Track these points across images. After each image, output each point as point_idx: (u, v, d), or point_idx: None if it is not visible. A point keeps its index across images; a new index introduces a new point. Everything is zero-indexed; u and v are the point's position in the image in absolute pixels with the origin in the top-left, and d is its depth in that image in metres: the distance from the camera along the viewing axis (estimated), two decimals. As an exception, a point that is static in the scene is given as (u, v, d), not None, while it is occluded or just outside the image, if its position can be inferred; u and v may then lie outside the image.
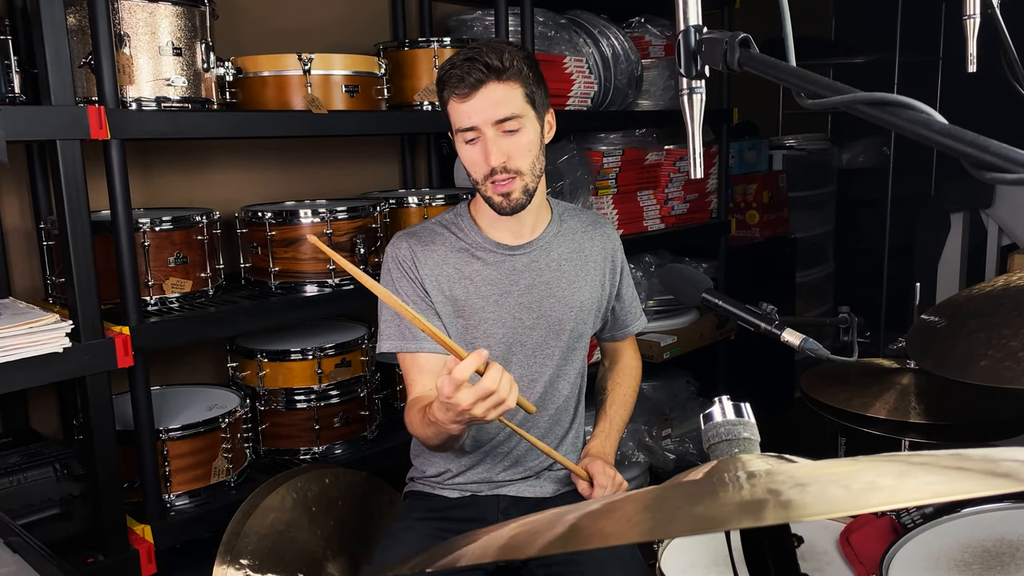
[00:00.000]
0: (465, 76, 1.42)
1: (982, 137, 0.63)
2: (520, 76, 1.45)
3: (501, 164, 1.46)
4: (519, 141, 1.47)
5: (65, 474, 1.75)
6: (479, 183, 1.51)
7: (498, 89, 1.44)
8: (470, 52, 1.44)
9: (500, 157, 1.46)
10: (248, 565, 1.66)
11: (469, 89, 1.43)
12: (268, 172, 2.50)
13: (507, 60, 1.43)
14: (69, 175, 1.62)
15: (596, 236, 1.69)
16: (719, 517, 0.55)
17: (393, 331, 1.55)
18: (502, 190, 1.49)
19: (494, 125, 1.45)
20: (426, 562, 0.61)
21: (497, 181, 1.48)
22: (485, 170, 1.48)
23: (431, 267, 1.56)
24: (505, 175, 1.47)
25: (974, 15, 1.31)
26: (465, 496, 1.64)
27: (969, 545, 1.24)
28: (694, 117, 0.92)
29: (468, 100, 1.44)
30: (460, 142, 1.50)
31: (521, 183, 1.49)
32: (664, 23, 3.10)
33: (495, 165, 1.46)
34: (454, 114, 1.48)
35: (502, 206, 1.50)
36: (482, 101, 1.44)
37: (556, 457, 1.52)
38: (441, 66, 1.49)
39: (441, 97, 1.50)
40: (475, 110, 1.44)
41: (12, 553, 1.01)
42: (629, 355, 1.84)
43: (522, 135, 1.47)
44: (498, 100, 1.44)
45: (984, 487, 0.52)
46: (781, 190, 3.92)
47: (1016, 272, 1.57)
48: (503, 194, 1.49)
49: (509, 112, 1.45)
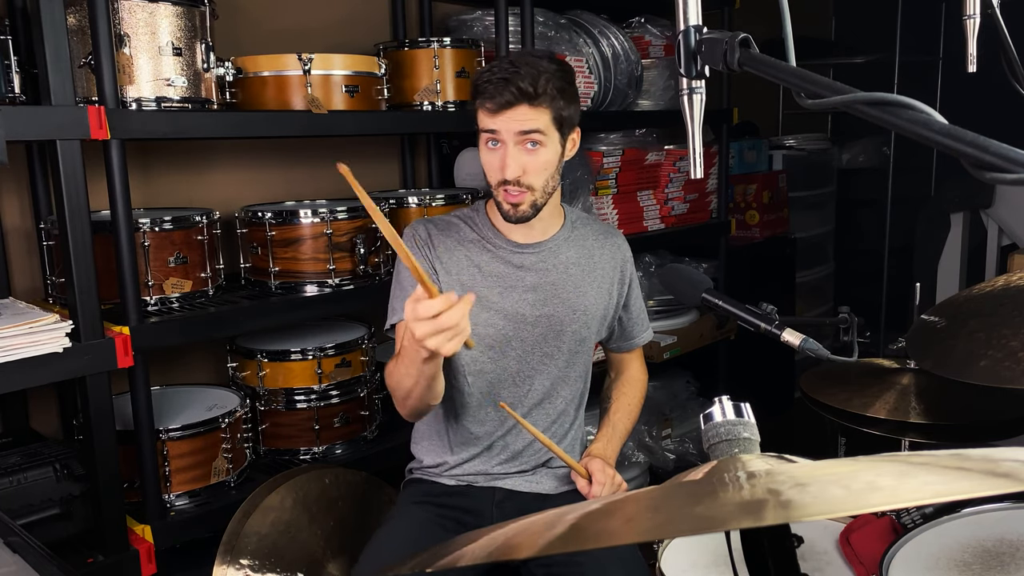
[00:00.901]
0: (496, 95, 1.48)
1: (982, 137, 0.63)
2: (551, 101, 1.50)
3: (515, 177, 1.51)
4: (538, 158, 1.52)
5: (65, 474, 1.75)
6: (492, 186, 1.56)
7: (527, 112, 1.49)
8: (508, 71, 1.48)
9: (516, 171, 1.51)
10: (248, 565, 1.66)
11: (498, 108, 1.49)
12: (268, 172, 2.50)
13: (541, 87, 1.48)
14: (69, 175, 1.62)
15: (607, 245, 1.72)
16: (719, 517, 0.55)
17: (398, 306, 1.57)
18: (512, 200, 1.54)
19: (517, 135, 1.50)
20: (426, 562, 0.61)
21: (508, 191, 1.53)
22: (500, 177, 1.53)
23: (444, 250, 1.62)
24: (517, 188, 1.53)
25: (974, 15, 1.31)
26: (461, 485, 1.66)
27: (969, 545, 1.24)
28: (694, 117, 0.92)
29: (500, 114, 1.49)
30: (483, 142, 1.55)
31: (531, 198, 1.54)
32: (664, 23, 3.10)
33: (510, 177, 1.51)
34: (482, 117, 1.53)
35: (508, 214, 1.56)
36: (514, 118, 1.49)
37: (556, 451, 1.55)
38: (480, 71, 1.55)
39: (471, 97, 1.55)
40: (501, 122, 1.50)
41: (12, 553, 1.01)
42: (636, 367, 1.86)
43: (541, 153, 1.52)
44: (525, 119, 1.49)
45: (984, 487, 0.52)
46: (781, 190, 3.93)
47: (1016, 272, 1.57)
48: (512, 204, 1.55)
49: (532, 127, 1.50)
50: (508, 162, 1.50)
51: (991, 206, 3.78)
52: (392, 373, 1.47)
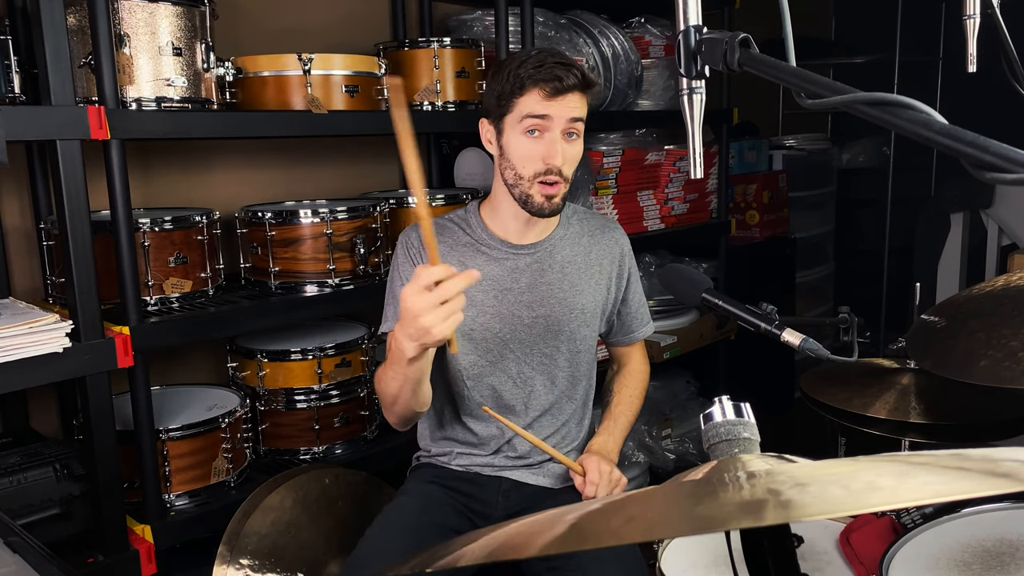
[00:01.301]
0: (564, 76, 1.48)
1: (982, 137, 0.63)
2: (593, 95, 1.56)
3: (559, 166, 1.51)
4: (575, 149, 1.54)
5: (65, 474, 1.75)
6: (523, 179, 1.53)
7: (580, 100, 1.52)
8: (560, 57, 1.51)
9: (562, 159, 1.51)
10: (248, 565, 1.66)
11: (564, 89, 1.49)
12: (268, 172, 2.50)
13: (591, 78, 1.53)
14: (69, 175, 1.62)
15: (604, 240, 1.71)
16: (719, 517, 0.55)
17: (391, 312, 1.56)
18: (549, 192, 1.53)
19: (568, 122, 1.51)
20: (426, 562, 0.61)
21: (547, 181, 1.52)
22: (540, 168, 1.51)
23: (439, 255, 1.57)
24: (557, 178, 1.52)
25: (974, 15, 1.31)
26: (469, 472, 1.66)
27: (969, 545, 1.24)
28: (694, 117, 0.92)
29: (556, 98, 1.49)
30: (519, 132, 1.52)
31: (564, 189, 1.55)
32: (664, 23, 3.09)
33: (557, 165, 1.51)
34: (530, 102, 1.50)
35: (542, 207, 1.54)
36: (567, 104, 1.50)
37: (551, 452, 1.55)
38: (526, 56, 1.52)
39: (517, 83, 1.50)
40: (556, 106, 1.49)
41: (12, 553, 1.01)
42: (637, 359, 1.85)
43: (578, 144, 1.55)
44: (577, 106, 1.51)
45: (984, 487, 0.52)
46: (781, 190, 3.92)
47: (1016, 272, 1.57)
48: (548, 196, 1.53)
49: (581, 115, 1.52)
50: (557, 149, 1.50)
51: (991, 206, 3.78)
52: (380, 378, 1.46)
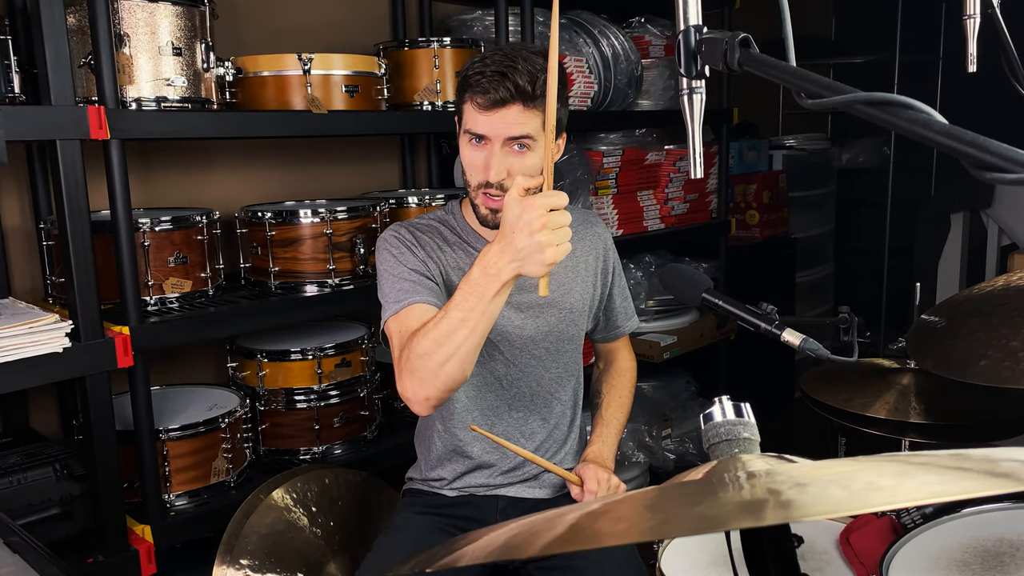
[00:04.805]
0: (491, 90, 1.37)
1: (982, 137, 0.63)
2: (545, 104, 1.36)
3: (499, 181, 1.42)
4: (524, 162, 1.42)
5: (65, 474, 1.75)
6: (471, 188, 1.48)
7: (521, 113, 1.39)
8: (504, 64, 1.37)
9: (500, 174, 1.42)
10: (248, 565, 1.66)
11: (492, 104, 1.38)
12: (268, 172, 2.50)
13: (539, 87, 1.37)
14: (69, 175, 1.62)
15: (587, 236, 1.66)
16: (719, 517, 0.55)
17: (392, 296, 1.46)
18: (492, 205, 1.46)
19: (505, 142, 1.40)
20: (426, 562, 0.61)
21: (489, 194, 1.45)
22: (481, 179, 1.44)
23: (432, 251, 1.53)
24: (499, 192, 1.43)
25: (974, 15, 1.31)
26: (464, 495, 1.63)
27: (969, 545, 1.24)
28: (694, 117, 0.92)
29: (487, 113, 1.39)
30: (465, 140, 1.45)
31: None
32: (664, 23, 3.10)
33: (493, 180, 1.42)
34: (468, 115, 1.43)
35: (487, 219, 1.48)
36: (501, 119, 1.39)
37: (546, 465, 1.51)
38: (471, 61, 1.42)
39: (460, 91, 1.44)
40: (491, 123, 1.39)
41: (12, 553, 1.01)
42: (623, 356, 1.82)
43: (528, 157, 1.42)
44: (516, 121, 1.39)
45: (984, 487, 0.52)
46: (781, 190, 3.92)
47: (1016, 272, 1.57)
48: (492, 209, 1.46)
49: (523, 132, 1.40)
50: (492, 163, 1.40)
51: (991, 206, 3.78)
52: (428, 333, 1.28)
